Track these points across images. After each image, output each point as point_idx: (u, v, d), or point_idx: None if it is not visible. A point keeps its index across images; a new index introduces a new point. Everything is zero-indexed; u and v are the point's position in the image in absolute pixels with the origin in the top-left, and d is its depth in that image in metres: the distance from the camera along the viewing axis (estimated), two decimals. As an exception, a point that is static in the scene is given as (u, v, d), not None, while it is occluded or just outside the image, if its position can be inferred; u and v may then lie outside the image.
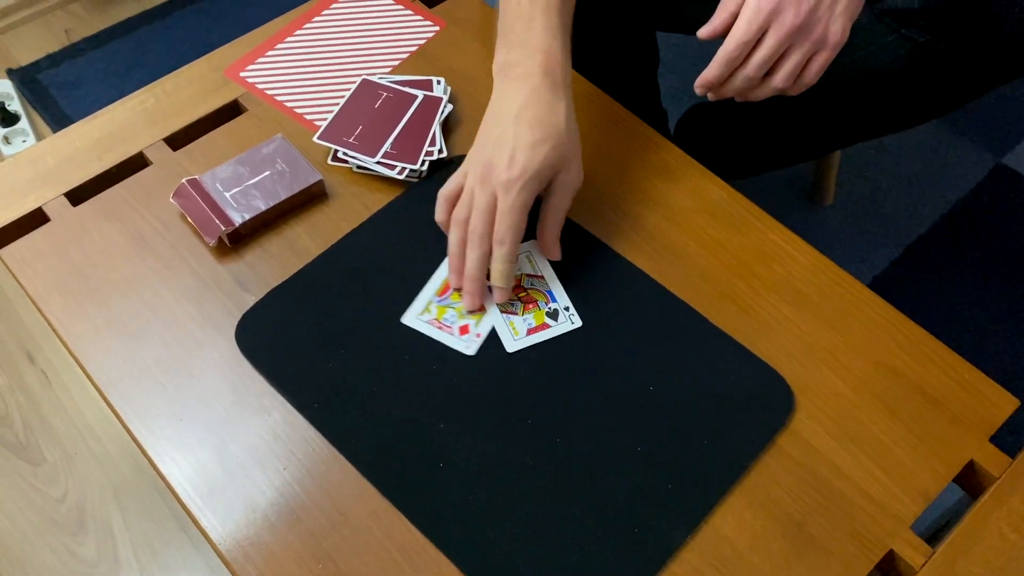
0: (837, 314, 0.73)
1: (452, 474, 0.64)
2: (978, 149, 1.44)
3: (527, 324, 0.70)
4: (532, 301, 0.71)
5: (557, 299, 0.71)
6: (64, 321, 0.71)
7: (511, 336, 0.70)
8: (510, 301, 0.71)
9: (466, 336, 0.69)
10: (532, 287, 0.72)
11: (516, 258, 0.69)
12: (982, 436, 0.67)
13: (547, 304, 0.71)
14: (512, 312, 0.70)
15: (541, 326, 0.70)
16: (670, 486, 0.63)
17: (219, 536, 0.62)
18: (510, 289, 0.70)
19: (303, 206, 0.78)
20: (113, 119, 0.84)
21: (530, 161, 0.66)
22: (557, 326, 0.70)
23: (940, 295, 1.28)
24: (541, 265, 0.73)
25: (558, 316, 0.70)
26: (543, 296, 0.71)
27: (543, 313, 0.70)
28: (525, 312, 0.71)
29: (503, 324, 0.70)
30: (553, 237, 0.71)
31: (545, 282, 0.72)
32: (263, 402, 0.67)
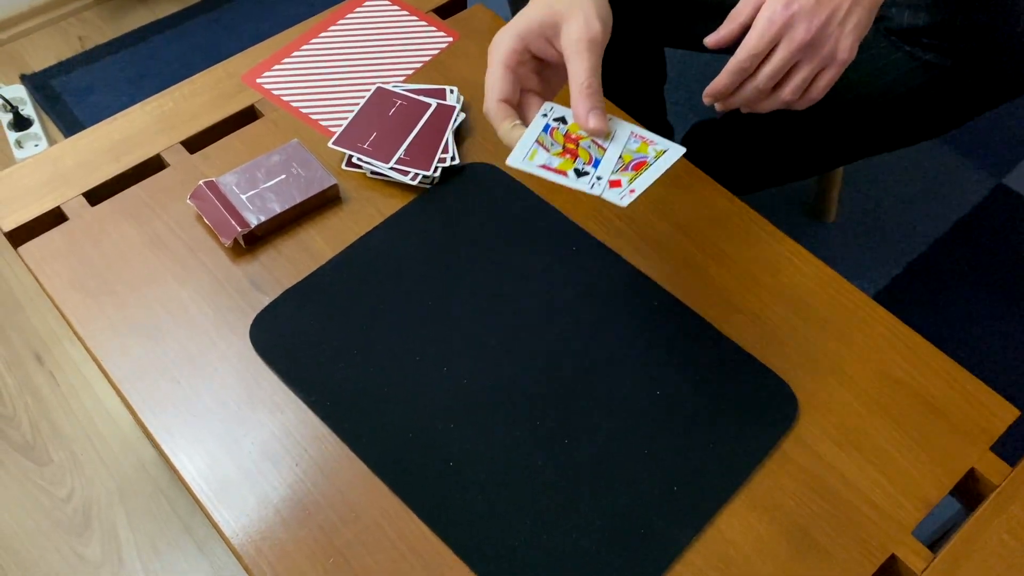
0: (842, 325, 0.74)
1: (462, 473, 0.65)
2: (979, 169, 1.45)
3: (548, 160, 0.64)
4: (572, 152, 0.64)
5: (599, 167, 0.63)
6: (82, 318, 0.72)
7: (523, 154, 0.64)
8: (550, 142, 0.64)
9: (618, 189, 0.62)
10: (588, 147, 0.65)
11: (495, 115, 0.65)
12: (983, 445, 0.68)
13: (585, 164, 0.64)
14: (545, 146, 0.64)
15: (557, 171, 0.63)
16: (676, 489, 0.64)
17: (232, 531, 0.63)
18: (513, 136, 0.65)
19: (317, 209, 0.79)
20: (131, 122, 0.85)
21: (510, 24, 0.65)
22: (569, 181, 0.63)
23: (941, 311, 1.29)
24: (612, 144, 0.65)
25: (583, 177, 0.63)
26: (587, 156, 0.64)
27: (571, 164, 0.64)
28: (558, 155, 0.64)
29: (528, 141, 0.64)
30: (581, 104, 0.63)
31: (599, 150, 0.64)
32: (276, 400, 0.68)
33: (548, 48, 0.65)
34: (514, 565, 0.61)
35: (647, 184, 0.62)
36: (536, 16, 0.64)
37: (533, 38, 0.64)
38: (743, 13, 0.68)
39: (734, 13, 0.69)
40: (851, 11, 0.67)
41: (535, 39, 0.64)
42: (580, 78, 0.62)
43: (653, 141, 0.65)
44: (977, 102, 0.89)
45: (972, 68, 0.84)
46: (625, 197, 0.61)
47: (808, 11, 0.66)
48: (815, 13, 0.66)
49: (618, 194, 0.62)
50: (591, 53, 0.62)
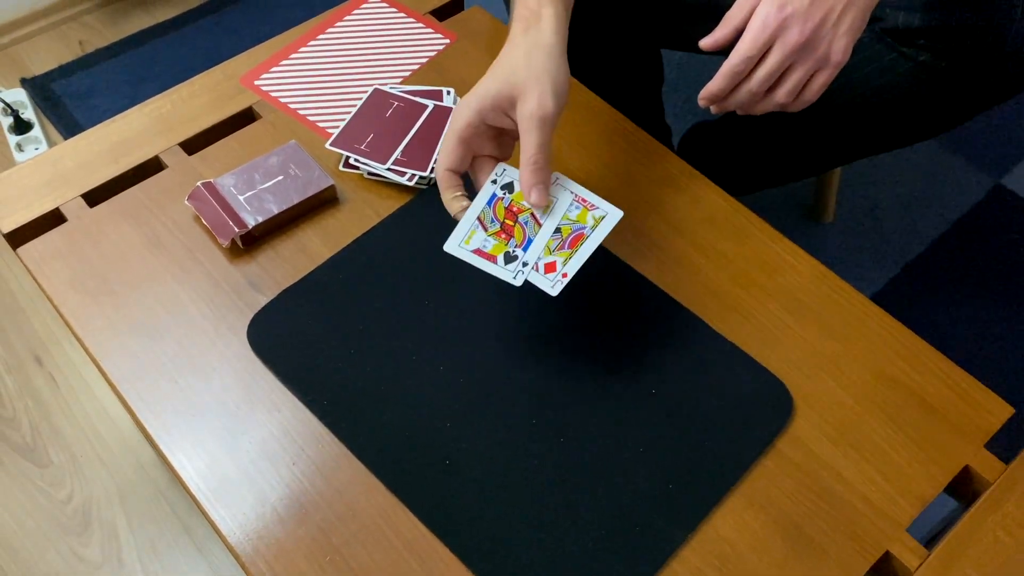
0: (837, 323, 0.74)
1: (458, 472, 0.65)
2: (977, 170, 1.46)
3: (483, 243, 0.67)
4: (508, 231, 0.67)
5: (528, 251, 0.66)
6: (80, 318, 0.73)
7: (460, 237, 0.67)
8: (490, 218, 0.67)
9: (552, 275, 0.65)
10: (525, 223, 0.67)
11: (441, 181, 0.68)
12: (978, 442, 0.68)
13: (516, 247, 0.67)
14: (484, 223, 0.67)
15: (489, 256, 0.66)
16: (671, 487, 0.65)
17: (229, 530, 0.63)
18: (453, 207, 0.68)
19: (315, 210, 0.79)
20: (130, 124, 0.86)
21: (470, 94, 0.67)
22: (497, 268, 0.66)
23: (938, 312, 1.29)
24: (550, 215, 0.68)
25: (511, 262, 0.66)
26: (521, 236, 0.67)
27: (503, 247, 0.67)
28: (494, 235, 0.67)
29: (467, 222, 0.67)
30: (526, 179, 0.66)
31: (536, 226, 0.67)
32: (274, 399, 0.69)
33: (504, 118, 0.67)
34: (510, 562, 0.61)
35: (579, 265, 0.65)
36: (493, 89, 0.66)
37: (488, 111, 0.67)
38: (737, 16, 0.69)
39: (729, 16, 0.70)
40: (845, 13, 0.67)
41: (490, 112, 0.67)
42: (528, 153, 0.65)
43: (594, 206, 0.68)
44: (973, 103, 0.90)
45: (967, 69, 0.85)
46: (557, 284, 0.65)
47: (802, 14, 0.66)
48: (809, 16, 0.66)
49: (550, 281, 0.65)
50: (541, 130, 0.65)
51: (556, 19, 0.69)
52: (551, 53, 0.67)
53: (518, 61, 0.67)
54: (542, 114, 0.65)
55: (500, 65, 0.68)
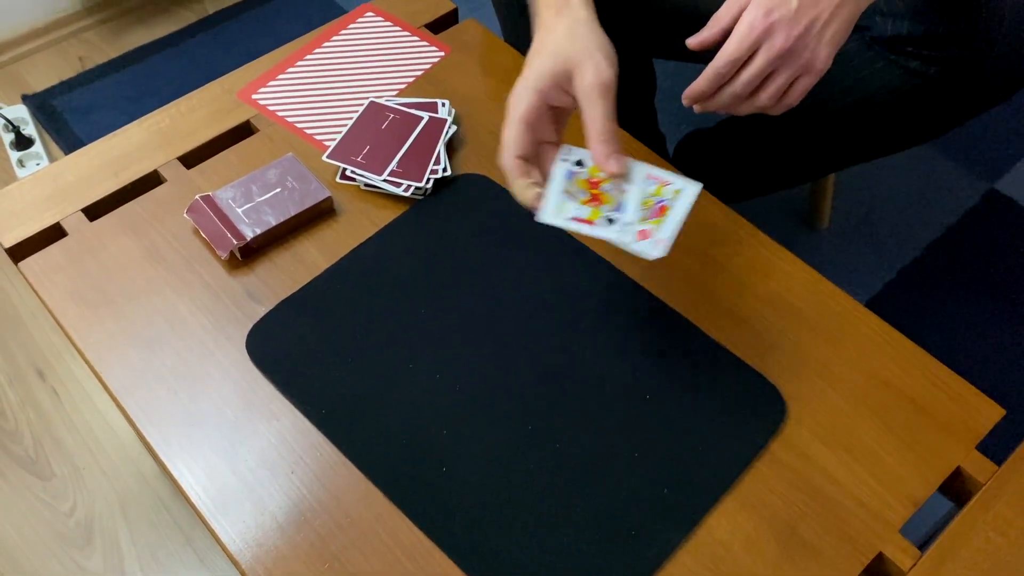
0: (830, 328, 0.75)
1: (455, 478, 0.66)
2: (971, 175, 1.47)
3: (578, 211, 0.65)
4: (597, 199, 0.66)
5: (626, 213, 0.65)
6: (81, 331, 0.73)
7: (552, 207, 0.65)
8: (575, 190, 0.66)
9: (647, 241, 0.64)
10: (610, 190, 0.66)
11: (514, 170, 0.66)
12: (969, 444, 0.69)
13: (611, 210, 0.66)
14: (572, 195, 0.66)
15: (587, 221, 0.65)
16: (666, 490, 0.65)
17: (229, 538, 0.64)
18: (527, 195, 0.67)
19: (312, 222, 0.80)
20: (129, 139, 0.87)
21: (524, 79, 0.67)
22: (603, 230, 0.65)
23: (933, 316, 1.30)
24: (631, 185, 0.67)
25: (613, 224, 0.65)
26: (612, 200, 0.66)
27: (599, 213, 0.66)
28: (586, 203, 0.66)
29: (555, 195, 0.66)
30: (600, 150, 0.65)
31: (620, 192, 0.66)
32: (272, 409, 0.69)
33: (563, 96, 0.66)
34: (507, 567, 0.62)
35: (673, 230, 0.64)
36: (549, 67, 0.65)
37: (549, 90, 0.66)
38: (725, 17, 0.70)
39: (716, 16, 0.70)
40: (830, 21, 0.68)
41: (551, 91, 0.66)
42: (597, 124, 0.64)
43: (668, 181, 0.67)
44: (962, 108, 0.91)
45: (955, 75, 0.86)
46: (659, 245, 0.63)
47: (788, 20, 0.67)
48: (795, 22, 0.67)
49: (650, 245, 0.63)
50: (605, 99, 0.64)
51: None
52: (592, 26, 0.67)
53: (562, 40, 0.66)
54: (603, 82, 0.64)
55: (544, 48, 0.67)
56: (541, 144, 0.69)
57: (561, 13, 0.68)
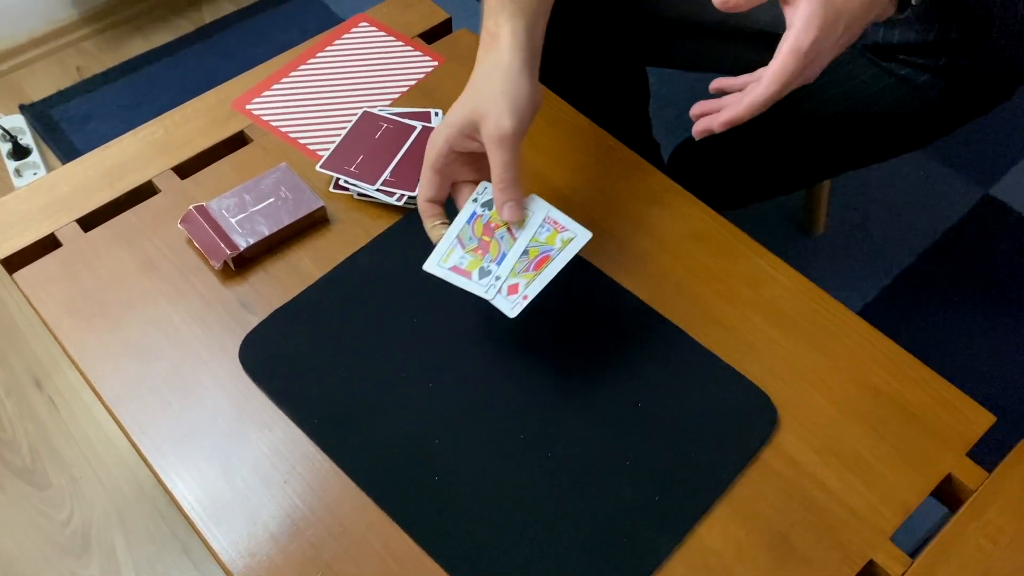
0: (821, 335, 0.75)
1: (447, 487, 0.66)
2: (966, 180, 1.47)
3: (460, 260, 0.70)
4: (485, 247, 0.70)
5: (502, 265, 0.69)
6: (75, 341, 0.74)
7: (439, 256, 0.70)
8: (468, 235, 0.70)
9: (513, 296, 0.67)
10: (501, 238, 0.70)
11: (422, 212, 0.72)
12: (960, 451, 0.69)
13: (491, 262, 0.69)
14: (463, 241, 0.70)
15: (464, 272, 0.69)
16: (657, 499, 0.66)
17: (221, 547, 0.64)
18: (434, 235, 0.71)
19: (306, 231, 0.81)
20: (124, 149, 0.87)
21: (440, 125, 0.70)
22: (472, 283, 0.69)
23: (929, 322, 1.30)
24: (524, 231, 0.70)
25: (485, 277, 0.69)
26: (496, 250, 0.70)
27: (479, 263, 0.69)
28: (472, 251, 0.70)
29: (447, 241, 0.70)
30: (497, 197, 0.69)
31: (511, 240, 0.70)
32: (265, 419, 0.70)
33: (472, 143, 0.70)
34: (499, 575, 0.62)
35: (540, 288, 0.67)
36: (458, 118, 0.69)
37: (456, 139, 0.69)
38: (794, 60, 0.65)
39: None
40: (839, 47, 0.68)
41: (459, 140, 0.70)
42: (496, 173, 0.68)
43: (565, 228, 0.70)
44: (953, 116, 0.91)
45: (947, 83, 0.86)
46: (517, 306, 0.67)
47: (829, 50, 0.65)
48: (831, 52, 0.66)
49: (511, 303, 0.67)
50: (502, 150, 0.67)
51: (514, 36, 0.71)
52: (508, 72, 0.69)
53: (477, 85, 0.70)
54: (500, 134, 0.67)
55: (466, 91, 0.71)
56: (457, 184, 0.73)
57: (487, 52, 0.71)
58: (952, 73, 0.85)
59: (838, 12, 0.64)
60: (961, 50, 0.84)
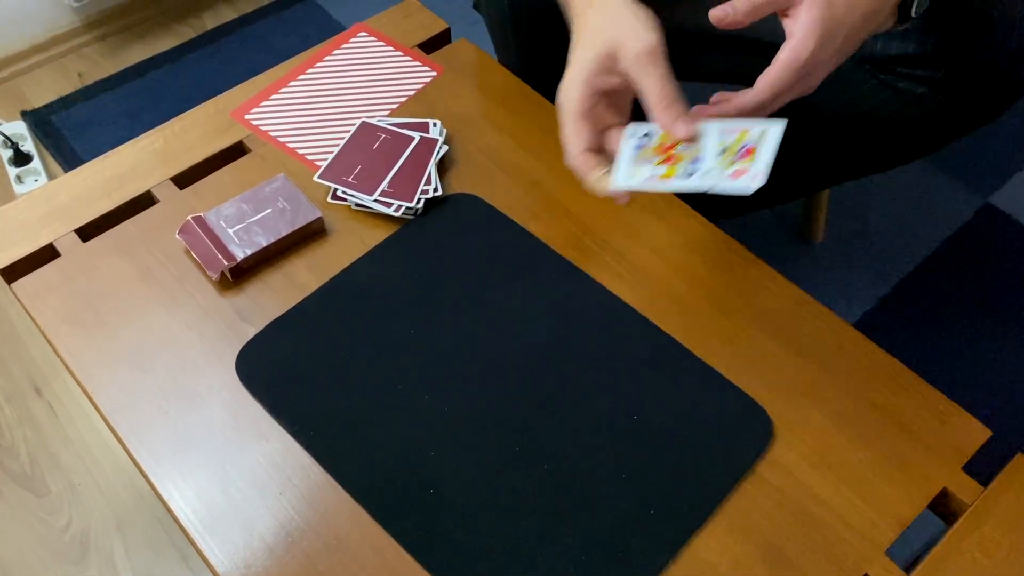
0: (817, 348, 0.75)
1: (442, 499, 0.66)
2: (966, 189, 1.47)
3: (652, 171, 0.65)
4: (672, 159, 0.65)
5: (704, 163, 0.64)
6: (72, 351, 0.74)
7: (624, 173, 0.65)
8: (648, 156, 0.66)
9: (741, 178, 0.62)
10: (684, 150, 0.65)
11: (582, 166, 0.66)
12: (955, 465, 0.69)
13: (690, 165, 0.64)
14: (645, 160, 0.65)
15: (664, 178, 0.64)
16: (653, 511, 0.66)
17: (217, 559, 0.64)
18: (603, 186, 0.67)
19: (303, 242, 0.81)
20: (123, 159, 0.87)
21: (570, 71, 0.66)
22: (682, 182, 0.63)
23: (928, 331, 1.30)
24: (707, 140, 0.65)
25: (692, 176, 0.63)
26: (689, 157, 0.65)
27: (675, 170, 0.64)
28: (661, 164, 0.65)
29: (626, 162, 0.65)
30: (664, 117, 0.63)
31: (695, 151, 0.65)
32: (262, 430, 0.70)
33: (612, 79, 0.65)
34: (493, 589, 0.62)
35: (768, 161, 0.62)
36: (591, 55, 0.65)
37: (596, 77, 0.65)
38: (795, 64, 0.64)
39: None
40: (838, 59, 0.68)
41: (598, 77, 0.65)
42: (655, 92, 0.63)
43: (747, 128, 0.65)
44: (952, 127, 0.91)
45: (945, 94, 0.86)
46: (756, 177, 0.61)
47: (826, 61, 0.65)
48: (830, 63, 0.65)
49: (748, 179, 0.61)
50: (655, 65, 0.63)
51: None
52: (626, 3, 0.65)
53: (598, 26, 0.65)
54: (649, 49, 0.62)
55: (584, 36, 0.66)
56: (606, 131, 0.67)
57: (593, 3, 0.68)
58: (950, 86, 0.85)
59: (837, 24, 0.64)
60: (960, 62, 0.84)
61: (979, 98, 0.87)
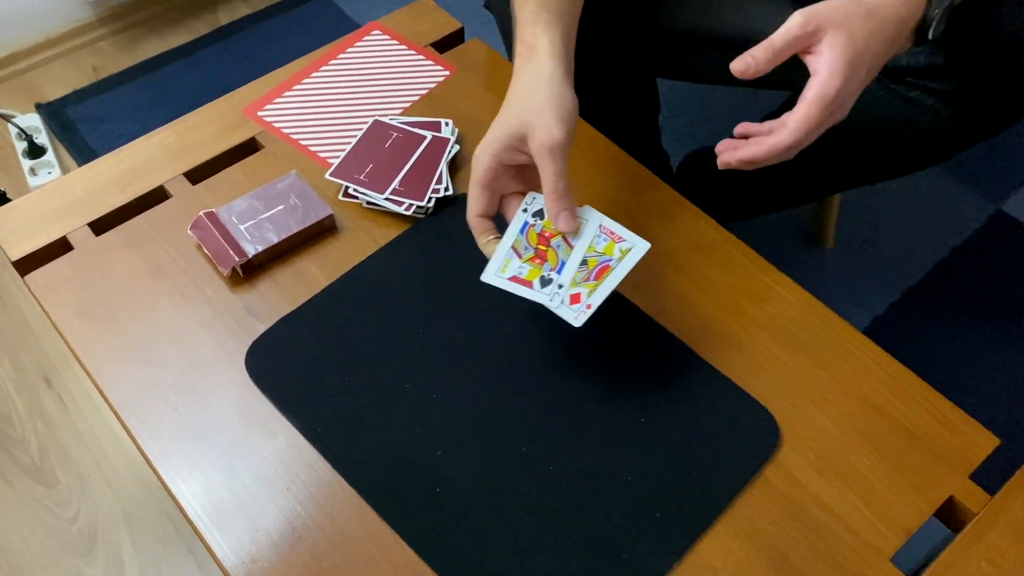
0: (824, 353, 0.75)
1: (449, 499, 0.66)
2: (977, 195, 1.47)
3: (518, 270, 0.69)
4: (542, 256, 0.70)
5: (562, 273, 0.69)
6: (84, 345, 0.74)
7: (496, 267, 0.69)
8: (524, 246, 0.70)
9: (576, 306, 0.67)
10: (558, 246, 0.70)
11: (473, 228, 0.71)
12: (962, 473, 0.69)
13: (551, 271, 0.69)
14: (519, 251, 0.70)
15: (525, 281, 0.69)
16: (658, 515, 0.66)
17: (223, 553, 0.64)
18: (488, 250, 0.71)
19: (314, 239, 0.81)
20: (137, 154, 0.88)
21: (485, 140, 0.70)
22: (535, 293, 0.68)
23: (938, 338, 1.30)
24: (580, 240, 0.70)
25: (547, 286, 0.68)
26: (555, 259, 0.69)
27: (539, 272, 0.69)
28: (529, 261, 0.69)
29: (502, 252, 0.70)
30: (551, 207, 0.69)
31: (568, 249, 0.70)
32: (270, 426, 0.70)
33: (520, 155, 0.69)
34: (497, 589, 0.63)
35: (604, 296, 0.67)
36: (504, 131, 0.69)
37: (503, 153, 0.69)
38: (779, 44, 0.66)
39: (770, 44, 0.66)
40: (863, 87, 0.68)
41: (506, 153, 0.69)
42: (548, 183, 0.67)
43: (621, 238, 0.70)
44: (961, 139, 0.91)
45: (954, 107, 0.86)
46: (580, 316, 0.66)
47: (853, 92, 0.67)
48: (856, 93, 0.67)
49: (574, 312, 0.67)
50: (554, 159, 0.67)
51: (552, 45, 0.71)
52: (551, 81, 0.69)
53: (521, 96, 0.70)
54: (551, 143, 0.66)
55: (507, 104, 0.70)
56: (505, 196, 0.72)
57: (527, 62, 0.71)
58: (960, 99, 0.85)
59: (860, 55, 0.65)
60: (969, 76, 0.84)
61: (988, 112, 0.87)
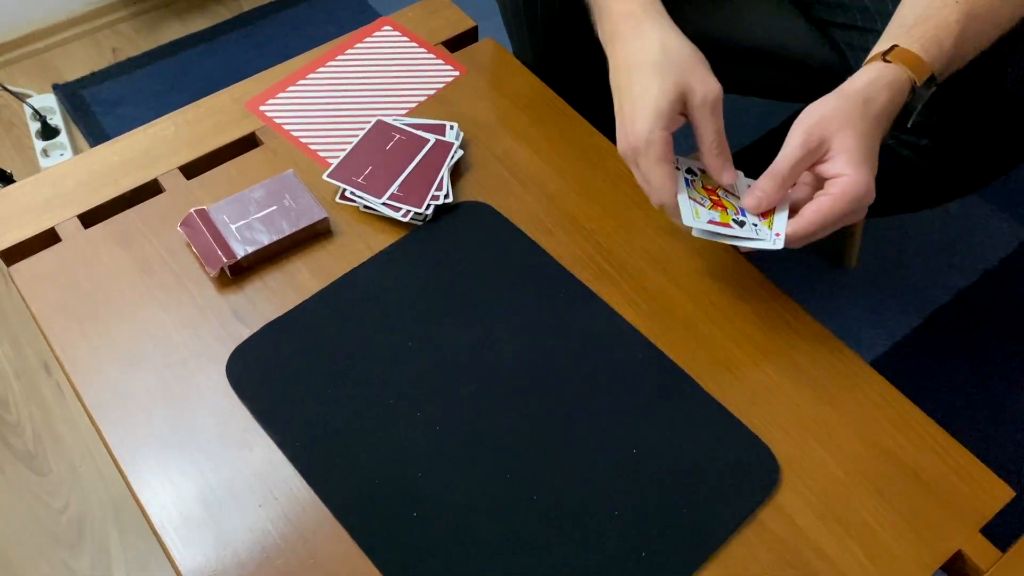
0: (833, 388, 0.71)
1: (425, 524, 0.63)
2: (1010, 220, 1.41)
3: (710, 215, 0.68)
4: (719, 204, 0.70)
5: (747, 215, 0.69)
6: (63, 342, 0.72)
7: (689, 215, 0.68)
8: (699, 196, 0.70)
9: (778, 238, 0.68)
10: (725, 197, 0.71)
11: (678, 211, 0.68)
12: (973, 526, 0.65)
13: (736, 215, 0.69)
14: (699, 202, 0.69)
15: (725, 223, 0.68)
16: (643, 554, 0.62)
17: (188, 569, 0.62)
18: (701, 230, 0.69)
19: (307, 242, 0.78)
20: (133, 145, 0.86)
21: (640, 118, 0.67)
22: (737, 231, 0.68)
23: (961, 366, 1.25)
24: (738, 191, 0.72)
25: (744, 225, 0.68)
26: (733, 207, 0.70)
27: (729, 216, 0.69)
28: (711, 209, 0.69)
29: (685, 203, 0.68)
30: (715, 163, 0.69)
31: (735, 199, 0.71)
32: (247, 437, 0.67)
33: (679, 120, 0.69)
34: (470, 624, 0.59)
35: (785, 222, 0.68)
36: (666, 100, 0.66)
37: (671, 121, 0.68)
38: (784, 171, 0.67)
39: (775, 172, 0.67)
40: None
41: (673, 122, 0.68)
42: (708, 140, 0.68)
43: None
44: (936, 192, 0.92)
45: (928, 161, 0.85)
46: (779, 240, 0.67)
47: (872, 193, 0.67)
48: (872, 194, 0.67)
49: (782, 242, 0.67)
50: (715, 115, 0.68)
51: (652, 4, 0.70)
52: (678, 38, 0.69)
53: (659, 58, 0.67)
54: (714, 97, 0.67)
55: (638, 75, 0.68)
56: None
57: (635, 28, 0.69)
58: (933, 154, 0.83)
59: (872, 149, 0.67)
60: (943, 133, 0.82)
61: (962, 167, 0.86)
